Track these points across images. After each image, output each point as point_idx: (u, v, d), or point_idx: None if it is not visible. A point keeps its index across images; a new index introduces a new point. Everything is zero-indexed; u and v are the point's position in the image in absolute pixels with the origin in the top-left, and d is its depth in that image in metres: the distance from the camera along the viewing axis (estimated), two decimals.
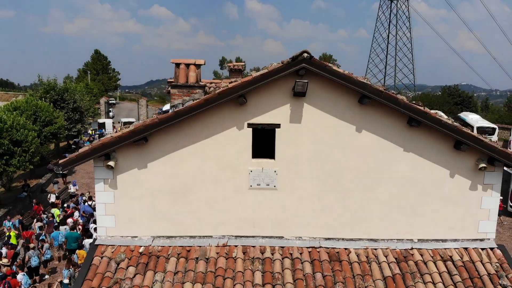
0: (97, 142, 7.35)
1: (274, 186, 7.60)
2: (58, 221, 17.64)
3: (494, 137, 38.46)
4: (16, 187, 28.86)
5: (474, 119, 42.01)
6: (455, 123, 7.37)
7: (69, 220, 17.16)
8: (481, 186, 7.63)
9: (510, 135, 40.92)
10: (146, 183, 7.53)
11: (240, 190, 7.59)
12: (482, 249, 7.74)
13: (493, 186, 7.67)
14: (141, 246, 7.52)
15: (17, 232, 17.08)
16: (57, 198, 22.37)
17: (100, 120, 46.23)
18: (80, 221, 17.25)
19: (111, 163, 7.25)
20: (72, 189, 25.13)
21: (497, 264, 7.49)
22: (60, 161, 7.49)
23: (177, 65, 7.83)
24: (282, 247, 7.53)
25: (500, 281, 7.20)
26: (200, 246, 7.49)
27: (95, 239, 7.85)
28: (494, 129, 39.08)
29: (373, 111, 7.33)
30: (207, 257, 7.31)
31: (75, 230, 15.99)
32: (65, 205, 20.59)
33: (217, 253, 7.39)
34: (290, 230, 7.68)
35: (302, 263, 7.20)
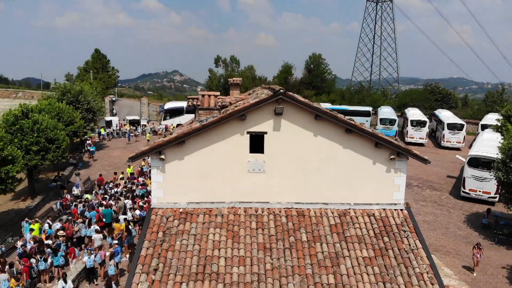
0: (153, 144, 11.79)
1: (264, 171, 12.09)
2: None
3: (463, 132, 43.32)
4: (42, 179, 33.19)
5: (446, 116, 46.75)
6: (374, 131, 11.92)
7: (104, 203, 21.55)
8: (393, 170, 12.18)
9: (477, 130, 45.54)
10: (183, 169, 11.97)
11: (242, 173, 12.07)
12: (395, 210, 12.31)
13: (401, 170, 12.22)
14: (180, 208, 12.00)
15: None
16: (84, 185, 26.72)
17: (107, 118, 50.14)
18: (112, 203, 21.60)
19: (162, 156, 11.70)
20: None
21: (403, 218, 12.08)
22: (130, 156, 11.90)
23: (203, 96, 12.33)
24: (268, 208, 12.06)
25: (402, 228, 11.79)
26: (217, 208, 12.00)
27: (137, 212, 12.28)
28: (462, 125, 43.71)
29: (324, 123, 11.82)
30: (222, 214, 11.82)
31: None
32: (94, 191, 24.93)
33: (228, 212, 11.91)
34: (273, 198, 12.21)
35: (280, 217, 11.76)
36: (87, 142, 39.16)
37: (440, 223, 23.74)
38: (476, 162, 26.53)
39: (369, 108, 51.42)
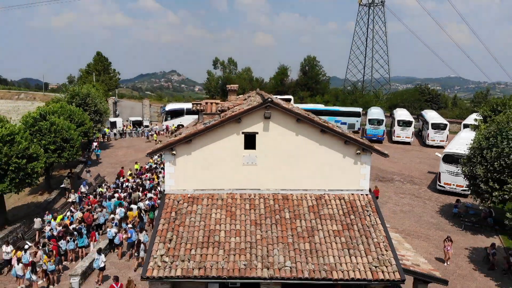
0: (167, 141, 14.66)
1: (256, 163, 14.97)
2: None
3: (446, 131, 46.31)
4: (55, 176, 35.97)
5: (431, 116, 49.75)
6: (342, 131, 14.83)
7: (116, 195, 24.42)
8: (359, 162, 15.09)
9: (460, 129, 48.45)
10: (190, 162, 14.84)
11: (238, 166, 14.95)
12: (361, 194, 15.22)
13: (366, 162, 15.13)
14: (188, 194, 14.88)
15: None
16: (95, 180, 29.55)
17: (112, 119, 52.92)
18: (122, 196, 24.44)
19: (174, 152, 14.58)
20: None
21: (367, 201, 14.98)
22: (148, 152, 14.77)
23: (206, 103, 15.25)
24: (259, 193, 14.96)
25: (366, 209, 14.70)
26: (218, 193, 14.89)
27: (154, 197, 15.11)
28: (446, 125, 46.72)
29: (303, 125, 14.72)
30: (222, 198, 14.72)
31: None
32: (108, 185, 27.78)
33: (227, 196, 14.81)
34: (263, 185, 15.11)
35: (269, 200, 14.67)
36: (94, 144, 41.77)
37: (415, 212, 26.68)
38: (451, 159, 29.46)
39: (359, 109, 54.34)
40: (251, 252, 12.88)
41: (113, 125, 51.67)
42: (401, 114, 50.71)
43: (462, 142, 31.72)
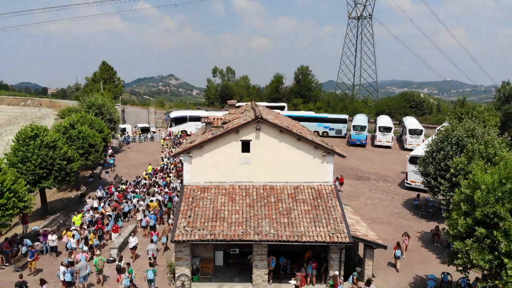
0: (185, 147, 20.22)
1: (250, 163, 20.52)
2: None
3: (422, 136, 51.93)
4: (79, 176, 41.24)
5: (409, 123, 55.41)
6: (314, 139, 20.43)
7: (136, 190, 29.92)
8: (325, 162, 20.67)
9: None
10: (202, 162, 20.38)
11: (237, 164, 20.50)
12: (326, 185, 20.77)
13: (330, 161, 20.69)
14: (200, 185, 20.43)
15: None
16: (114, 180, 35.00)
17: (121, 126, 58.35)
18: (141, 191, 29.91)
19: (190, 154, 20.13)
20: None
21: (330, 190, 20.54)
22: (171, 154, 20.31)
23: (214, 119, 20.83)
24: (252, 185, 20.53)
25: (329, 195, 20.25)
26: (222, 185, 20.45)
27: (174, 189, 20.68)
28: (421, 130, 52.39)
29: (285, 134, 20.30)
30: (225, 188, 20.29)
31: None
32: (127, 183, 33.26)
33: (229, 187, 20.38)
34: (255, 179, 20.67)
35: (259, 189, 20.26)
36: (109, 151, 46.85)
37: (383, 204, 32.27)
38: (415, 160, 35.03)
39: (346, 116, 60.04)
40: (246, 224, 18.43)
41: (123, 131, 57.08)
42: (383, 120, 56.35)
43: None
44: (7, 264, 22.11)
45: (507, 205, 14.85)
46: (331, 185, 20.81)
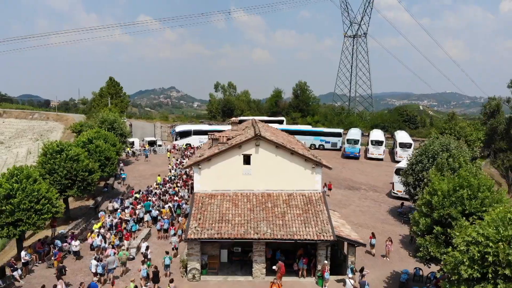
0: (196, 160, 23.88)
1: (250, 174, 24.15)
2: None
3: (411, 149, 55.46)
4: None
5: (400, 137, 59.16)
6: (305, 153, 24.12)
7: (149, 199, 33.52)
8: (315, 173, 24.30)
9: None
10: (209, 173, 24.02)
11: (239, 175, 24.14)
12: (316, 193, 24.37)
13: (319, 172, 24.31)
14: (208, 192, 24.04)
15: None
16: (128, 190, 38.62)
17: (130, 139, 62.10)
18: (153, 199, 33.52)
19: (200, 166, 23.78)
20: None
21: (319, 197, 24.13)
22: (185, 165, 23.99)
23: (220, 136, 24.52)
24: (253, 192, 24.14)
25: (317, 201, 23.84)
26: (227, 192, 24.07)
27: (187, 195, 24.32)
28: (411, 144, 56.01)
29: (280, 149, 23.97)
30: (229, 195, 23.90)
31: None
32: (141, 192, 36.86)
33: (233, 194, 23.99)
34: (255, 187, 24.29)
35: (258, 196, 23.86)
36: (121, 165, 50.31)
37: (370, 212, 35.76)
38: (400, 171, 38.63)
39: (341, 130, 63.84)
40: (247, 225, 22.00)
41: (132, 144, 60.81)
42: (375, 135, 60.08)
43: None
44: (40, 261, 25.58)
45: (459, 208, 18.47)
46: (319, 193, 24.41)
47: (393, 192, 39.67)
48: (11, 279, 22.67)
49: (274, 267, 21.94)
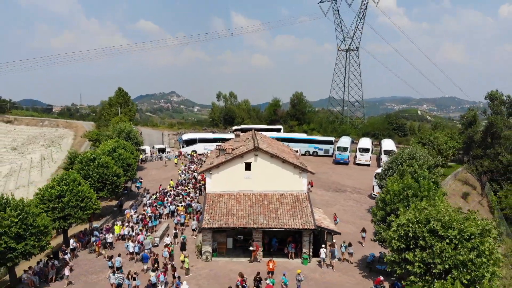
0: (207, 166, 30.45)
1: (251, 178, 30.71)
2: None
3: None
4: None
5: (385, 144, 65.62)
6: (294, 162, 30.70)
7: (166, 199, 40.05)
8: (301, 177, 30.85)
9: None
10: (218, 177, 30.56)
11: (242, 179, 30.69)
12: (302, 193, 30.89)
13: (304, 177, 30.86)
14: (217, 193, 30.58)
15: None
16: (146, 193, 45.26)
17: (142, 147, 68.62)
18: (169, 199, 40.07)
19: (211, 172, 30.34)
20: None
21: (305, 196, 30.65)
22: (199, 170, 30.55)
23: (226, 147, 31.11)
24: (252, 193, 30.69)
25: (303, 199, 30.38)
26: (232, 193, 30.61)
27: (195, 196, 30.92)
28: (394, 151, 62.32)
29: (275, 158, 30.52)
30: (234, 195, 30.46)
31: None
32: (157, 193, 43.37)
33: (236, 194, 30.55)
34: (255, 189, 30.83)
35: (257, 196, 30.43)
36: (138, 174, 56.33)
37: (352, 210, 42.23)
38: (379, 176, 45.16)
39: (332, 138, 70.43)
40: (248, 218, 28.52)
41: (143, 151, 67.32)
42: (363, 143, 66.60)
43: None
44: (83, 248, 32.06)
45: (405, 203, 25.00)
46: (305, 193, 30.94)
47: (373, 194, 46.11)
48: (63, 261, 29.18)
49: (250, 248, 28.33)
